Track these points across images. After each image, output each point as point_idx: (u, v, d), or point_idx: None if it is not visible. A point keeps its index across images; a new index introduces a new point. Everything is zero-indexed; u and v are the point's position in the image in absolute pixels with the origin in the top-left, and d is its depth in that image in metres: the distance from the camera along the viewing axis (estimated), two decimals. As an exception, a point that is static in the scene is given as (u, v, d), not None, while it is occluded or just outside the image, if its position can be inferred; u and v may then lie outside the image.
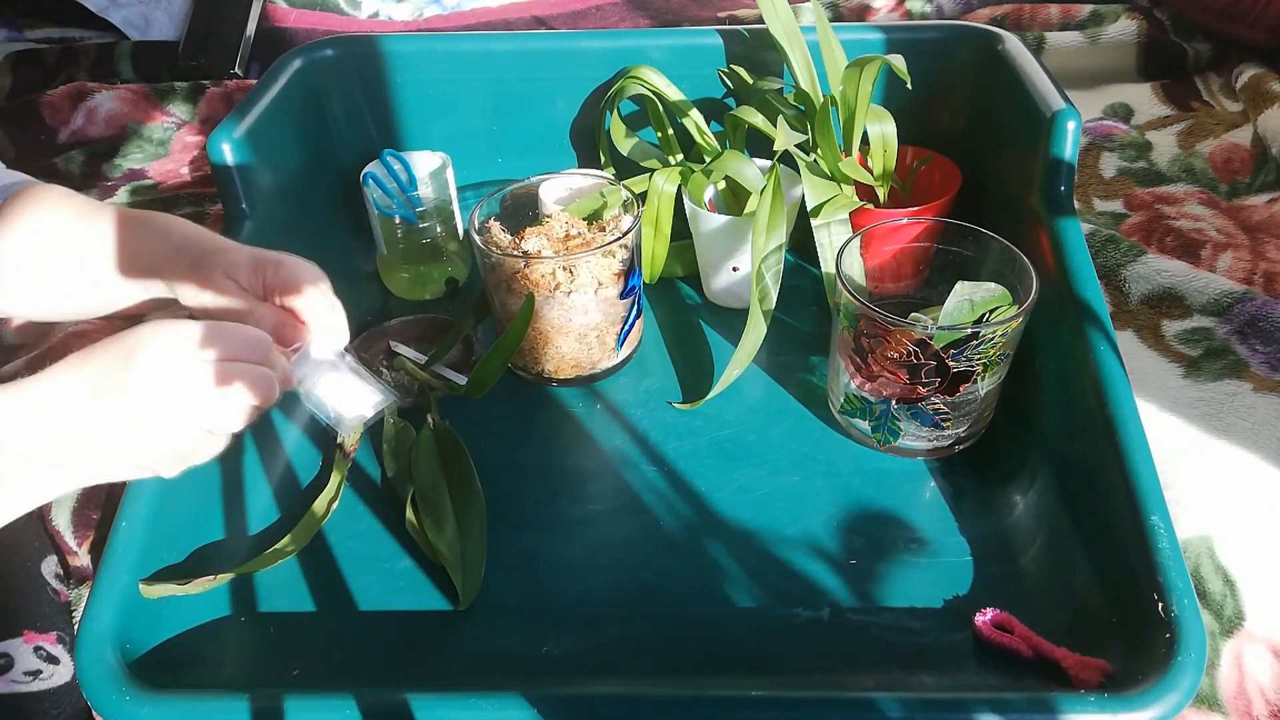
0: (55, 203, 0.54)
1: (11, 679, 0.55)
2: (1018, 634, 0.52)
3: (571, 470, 0.66)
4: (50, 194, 0.54)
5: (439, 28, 1.30)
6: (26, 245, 0.53)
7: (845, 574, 0.57)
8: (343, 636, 0.56)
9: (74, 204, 0.54)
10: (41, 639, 0.57)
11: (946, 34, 0.83)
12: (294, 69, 0.81)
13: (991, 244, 0.63)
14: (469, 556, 0.58)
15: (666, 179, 0.76)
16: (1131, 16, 1.12)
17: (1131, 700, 0.44)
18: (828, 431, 0.67)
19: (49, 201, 0.54)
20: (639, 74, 0.81)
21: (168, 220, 0.55)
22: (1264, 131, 0.94)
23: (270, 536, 0.61)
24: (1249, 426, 0.66)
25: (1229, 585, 0.57)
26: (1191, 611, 0.47)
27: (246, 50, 1.23)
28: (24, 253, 0.53)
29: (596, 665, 0.53)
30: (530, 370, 0.72)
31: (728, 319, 0.78)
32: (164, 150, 1.08)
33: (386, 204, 0.77)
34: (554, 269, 0.66)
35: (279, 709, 0.46)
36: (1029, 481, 0.61)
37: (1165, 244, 0.84)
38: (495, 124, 0.88)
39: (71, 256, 0.53)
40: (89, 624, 0.49)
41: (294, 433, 0.69)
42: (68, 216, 0.53)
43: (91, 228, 0.53)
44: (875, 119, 0.72)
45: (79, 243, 0.53)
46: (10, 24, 1.34)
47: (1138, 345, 0.74)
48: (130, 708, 0.47)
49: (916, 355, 0.58)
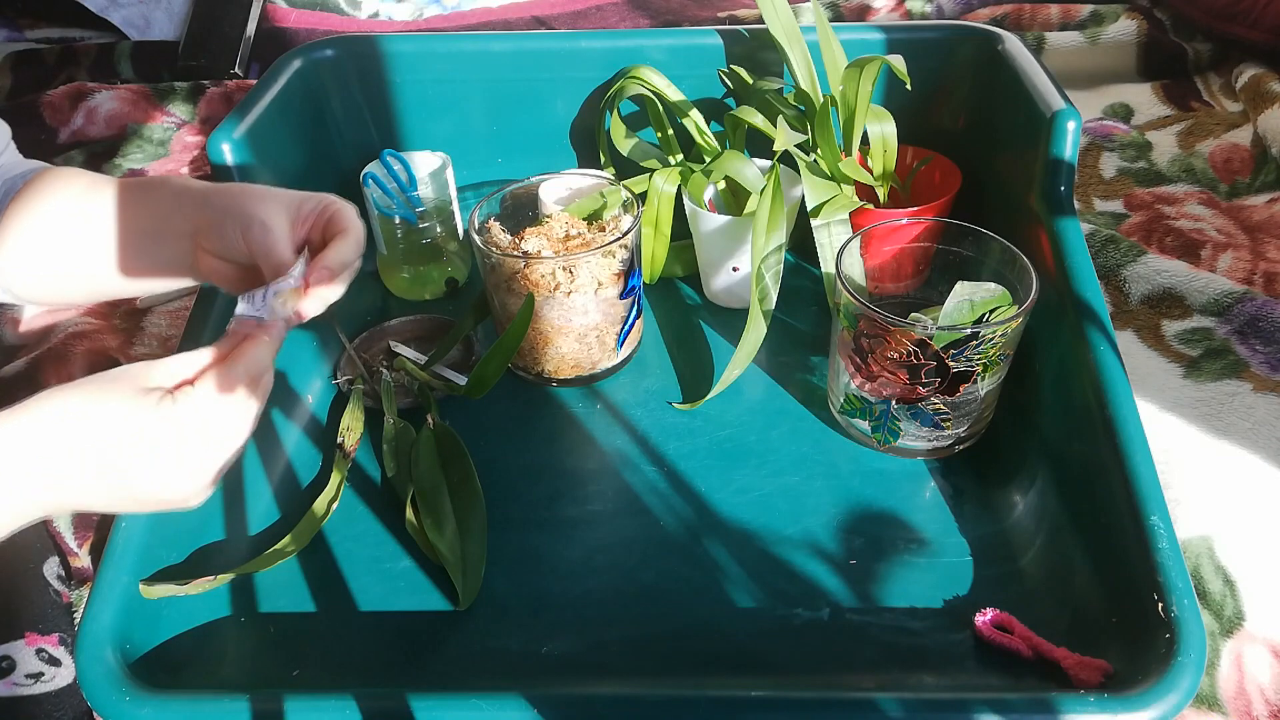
0: (69, 179, 0.54)
1: (13, 681, 0.55)
2: (1018, 634, 0.52)
3: (571, 470, 0.66)
4: (64, 173, 0.55)
5: (439, 28, 1.30)
6: (45, 223, 0.53)
7: (845, 574, 0.57)
8: (343, 636, 0.56)
9: (86, 178, 0.55)
10: (43, 641, 0.57)
11: (946, 34, 0.83)
12: (294, 69, 0.81)
13: (991, 244, 0.63)
14: (469, 556, 0.58)
15: (666, 179, 0.76)
16: (1131, 16, 1.12)
17: (1131, 700, 0.44)
18: (828, 431, 0.67)
19: (64, 179, 0.54)
20: (639, 74, 0.81)
21: (181, 180, 0.54)
22: (1264, 131, 0.94)
23: (270, 536, 0.61)
24: (1249, 426, 0.66)
25: (1229, 585, 0.57)
26: (1191, 611, 0.46)
27: (246, 50, 1.23)
28: (42, 231, 0.53)
29: (596, 665, 0.53)
30: (530, 370, 0.72)
31: (728, 319, 0.78)
32: (164, 150, 1.08)
33: (386, 204, 0.77)
34: (554, 269, 0.66)
35: (279, 709, 0.46)
36: (1029, 481, 0.61)
37: (1165, 244, 0.84)
38: (495, 124, 0.88)
39: (87, 225, 0.53)
40: (89, 624, 0.49)
41: (294, 433, 0.69)
42: (80, 189, 0.54)
43: (105, 196, 0.53)
44: (875, 119, 0.72)
45: (94, 214, 0.53)
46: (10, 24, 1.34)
47: (1138, 345, 0.74)
48: (130, 708, 0.47)
49: (916, 355, 0.58)
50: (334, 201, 0.54)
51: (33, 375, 0.73)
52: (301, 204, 0.53)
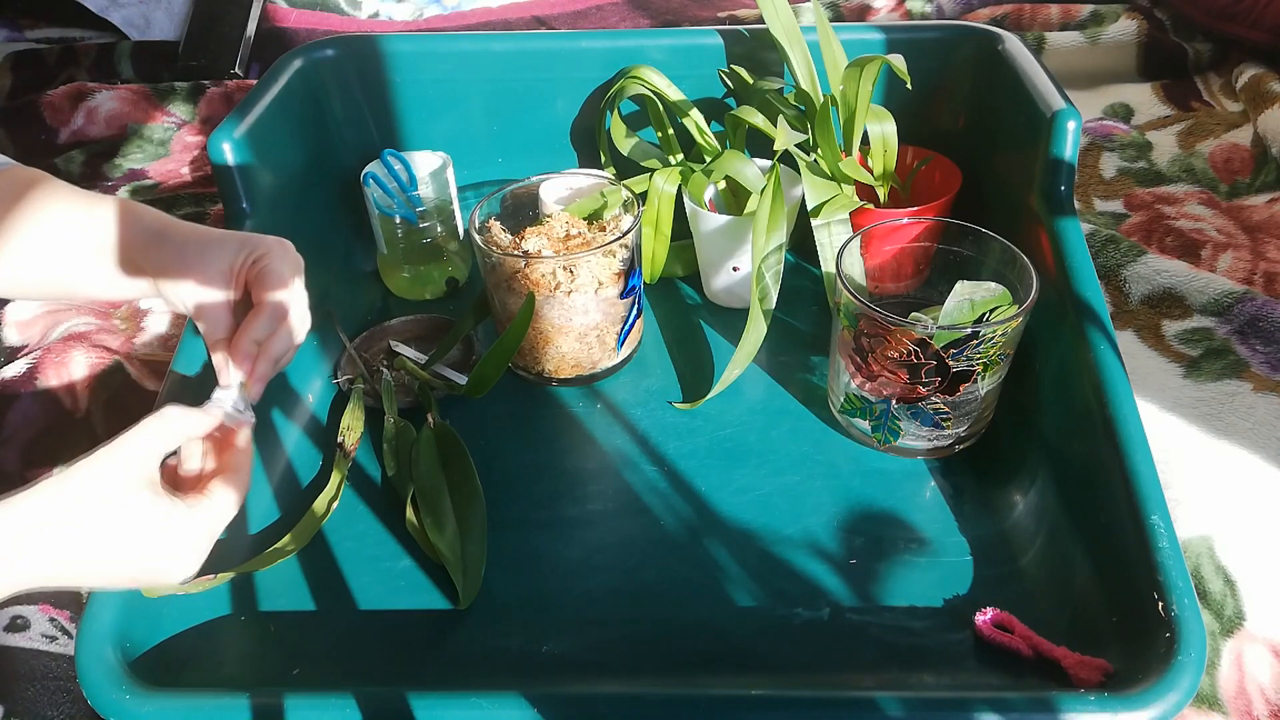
0: (31, 183, 0.54)
1: (29, 636, 0.57)
2: (1018, 634, 0.52)
3: (571, 470, 0.66)
4: (31, 178, 0.54)
5: (439, 28, 1.30)
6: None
7: (845, 574, 0.57)
8: (343, 636, 0.56)
9: (49, 187, 0.54)
10: (56, 614, 0.59)
11: (946, 34, 0.83)
12: (294, 69, 0.81)
13: (991, 244, 0.63)
14: (469, 556, 0.58)
15: (666, 179, 0.76)
16: (1131, 16, 1.12)
17: (1131, 700, 0.44)
18: (828, 431, 0.67)
19: (32, 186, 0.54)
20: (639, 74, 0.81)
21: (139, 209, 0.54)
22: (1264, 131, 0.94)
23: (270, 536, 0.61)
24: (1249, 426, 0.66)
25: (1229, 585, 0.57)
26: (1191, 611, 0.46)
27: (246, 50, 1.23)
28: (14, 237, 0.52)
29: (596, 665, 0.53)
30: (530, 370, 0.72)
31: (728, 319, 0.78)
32: (164, 150, 1.08)
33: (387, 204, 0.77)
34: (554, 269, 0.66)
35: (279, 709, 0.46)
36: (1029, 481, 0.61)
37: (1165, 244, 0.84)
38: (495, 124, 0.88)
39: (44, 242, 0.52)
40: (89, 623, 0.49)
41: (294, 432, 0.69)
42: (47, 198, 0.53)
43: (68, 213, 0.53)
44: (875, 119, 0.72)
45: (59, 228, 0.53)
46: (10, 24, 1.34)
47: (1138, 345, 0.74)
48: (130, 707, 0.47)
49: (916, 355, 0.58)
50: (264, 256, 0.53)
51: (33, 375, 0.73)
52: (234, 258, 0.52)
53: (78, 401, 0.73)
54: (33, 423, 0.71)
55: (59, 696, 0.55)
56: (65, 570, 0.42)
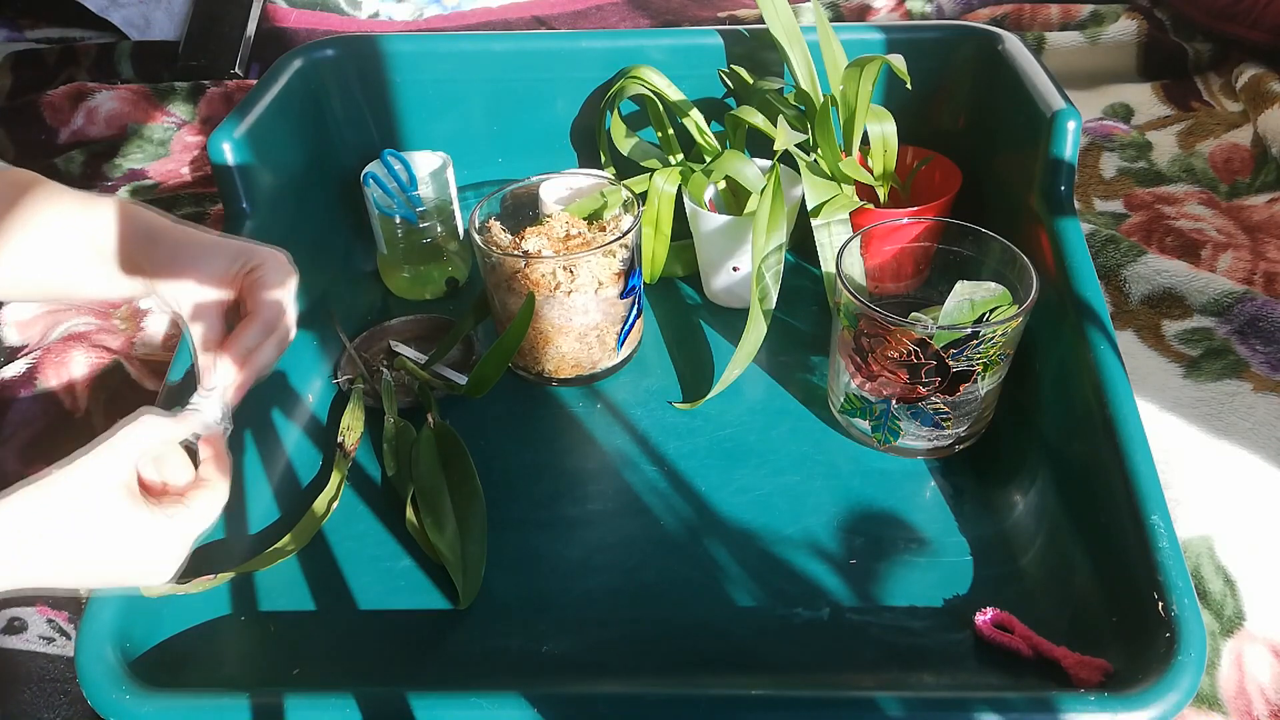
0: (26, 185, 0.53)
1: (26, 638, 0.57)
2: (1018, 634, 0.52)
3: (571, 470, 0.66)
4: (26, 181, 0.53)
5: (439, 28, 1.30)
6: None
7: (845, 574, 0.57)
8: (343, 636, 0.56)
9: (44, 189, 0.53)
10: (54, 614, 0.59)
11: (946, 34, 0.83)
12: (294, 69, 0.81)
13: (991, 244, 0.63)
14: (469, 556, 0.58)
15: (666, 179, 0.76)
16: (1131, 16, 1.12)
17: (1131, 700, 0.44)
18: (828, 431, 0.67)
19: (27, 188, 0.52)
20: (639, 74, 0.81)
21: (135, 209, 0.54)
22: (1264, 131, 0.94)
23: (270, 536, 0.61)
24: (1249, 426, 0.66)
25: (1229, 585, 0.57)
26: (1191, 611, 0.46)
27: (246, 50, 1.23)
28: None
29: (596, 665, 0.53)
30: (530, 370, 0.72)
31: (728, 319, 0.78)
32: (164, 150, 1.08)
33: (387, 204, 0.77)
34: (554, 269, 0.66)
35: (279, 709, 0.46)
36: (1029, 481, 0.61)
37: (1165, 244, 0.84)
38: (495, 124, 0.88)
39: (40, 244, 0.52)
40: (89, 623, 0.49)
41: (294, 432, 0.69)
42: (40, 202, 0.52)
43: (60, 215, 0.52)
44: (875, 119, 0.72)
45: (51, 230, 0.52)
46: (10, 24, 1.34)
47: (1138, 345, 0.74)
48: (130, 707, 0.46)
49: (916, 355, 0.58)
50: (260, 266, 0.53)
51: (32, 375, 0.73)
52: (230, 265, 0.52)
53: (77, 401, 0.73)
54: (32, 423, 0.71)
55: (56, 699, 0.55)
56: (39, 574, 0.42)
